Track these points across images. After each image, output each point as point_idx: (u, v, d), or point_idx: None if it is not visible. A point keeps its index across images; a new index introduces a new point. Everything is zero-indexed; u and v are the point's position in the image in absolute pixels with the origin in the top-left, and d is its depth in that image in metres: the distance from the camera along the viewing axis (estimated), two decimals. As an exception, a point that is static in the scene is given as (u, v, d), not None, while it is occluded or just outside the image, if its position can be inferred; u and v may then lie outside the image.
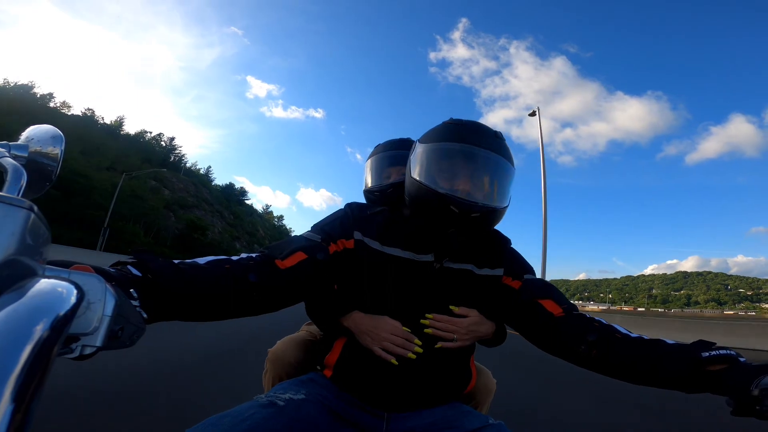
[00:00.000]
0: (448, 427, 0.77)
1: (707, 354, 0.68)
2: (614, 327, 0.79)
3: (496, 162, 0.84)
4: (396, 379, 0.79)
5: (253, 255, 0.76)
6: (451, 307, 0.84)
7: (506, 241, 0.95)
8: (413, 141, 1.18)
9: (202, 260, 0.69)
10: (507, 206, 0.87)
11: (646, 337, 0.76)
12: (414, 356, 0.79)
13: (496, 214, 0.85)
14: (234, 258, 0.73)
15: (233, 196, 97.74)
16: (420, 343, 0.80)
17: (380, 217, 0.89)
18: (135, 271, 0.56)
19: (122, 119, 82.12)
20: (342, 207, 0.94)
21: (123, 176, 33.43)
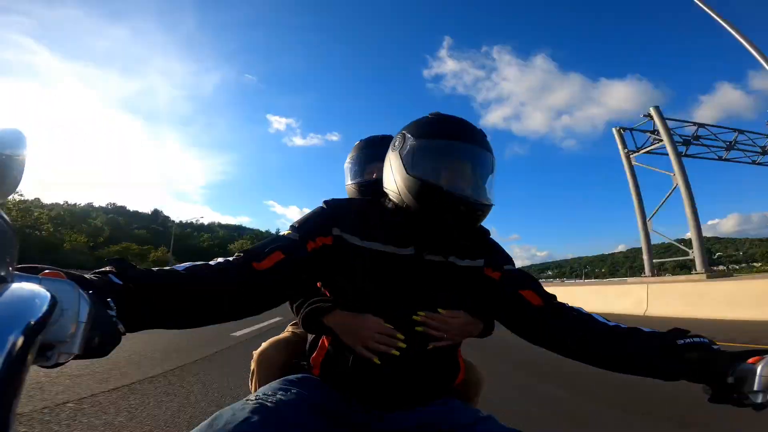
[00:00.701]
0: (439, 423, 0.77)
1: (682, 341, 0.71)
2: (592, 316, 0.82)
3: (487, 159, 0.86)
4: (384, 376, 0.79)
5: (231, 259, 0.76)
6: (439, 310, 0.83)
7: (485, 232, 0.96)
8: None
9: (180, 267, 0.69)
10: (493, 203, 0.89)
11: (623, 326, 0.79)
12: (397, 353, 0.78)
13: (487, 210, 0.86)
14: (212, 263, 0.73)
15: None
16: (402, 337, 0.79)
17: (359, 212, 0.88)
18: (116, 280, 0.55)
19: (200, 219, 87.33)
20: (320, 204, 0.91)
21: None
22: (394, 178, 0.86)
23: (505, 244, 0.98)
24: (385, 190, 0.90)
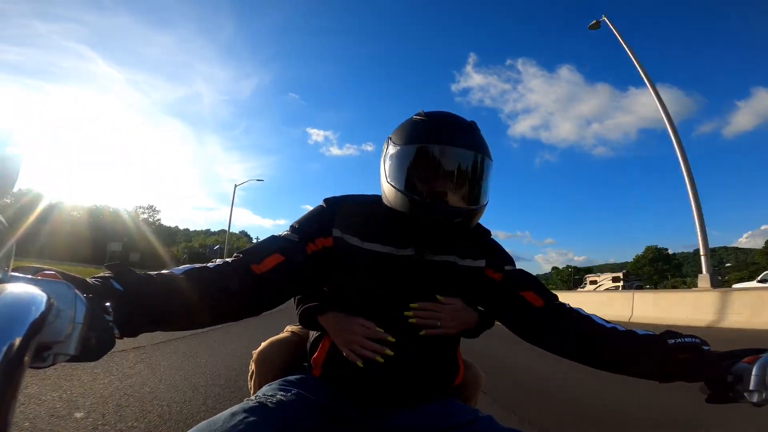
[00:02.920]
0: (438, 422, 0.76)
1: (673, 341, 0.71)
2: (591, 318, 0.81)
3: (475, 160, 0.81)
4: (383, 375, 0.78)
5: (229, 260, 0.75)
6: (437, 296, 0.83)
7: (486, 233, 0.95)
8: None
9: (178, 270, 0.69)
10: (488, 202, 0.85)
11: (620, 328, 0.79)
12: (381, 360, 0.77)
13: (478, 213, 0.84)
14: (210, 265, 0.73)
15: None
16: (393, 340, 0.79)
17: (359, 212, 0.87)
18: (117, 286, 0.55)
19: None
20: (320, 203, 0.90)
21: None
22: (381, 184, 0.87)
23: (539, 249, 0.94)
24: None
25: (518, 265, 0.93)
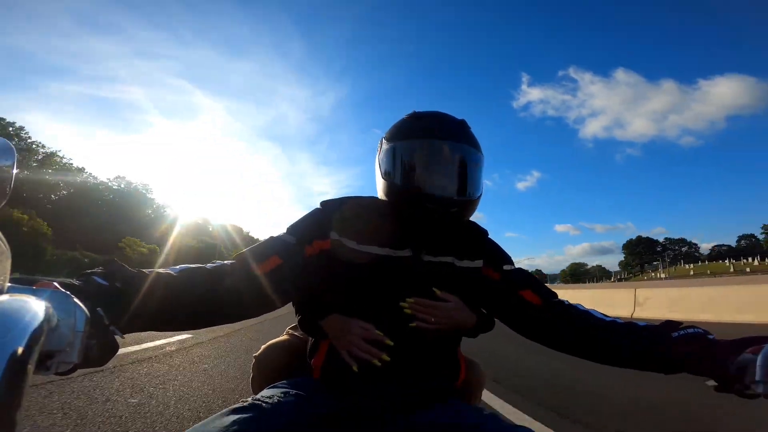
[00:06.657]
0: (443, 425, 0.75)
1: (677, 334, 0.71)
2: (591, 312, 0.82)
3: (464, 152, 0.84)
4: (381, 380, 0.78)
5: (227, 262, 0.76)
6: (434, 289, 0.83)
7: (484, 233, 0.96)
8: None
9: (175, 269, 0.69)
10: (481, 195, 0.87)
11: (620, 321, 0.80)
12: (379, 364, 0.77)
13: (472, 205, 0.85)
14: (209, 266, 0.73)
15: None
16: (391, 343, 0.78)
17: (356, 215, 0.88)
18: (101, 281, 0.55)
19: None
20: (317, 206, 0.91)
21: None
22: (377, 183, 0.89)
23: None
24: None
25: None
